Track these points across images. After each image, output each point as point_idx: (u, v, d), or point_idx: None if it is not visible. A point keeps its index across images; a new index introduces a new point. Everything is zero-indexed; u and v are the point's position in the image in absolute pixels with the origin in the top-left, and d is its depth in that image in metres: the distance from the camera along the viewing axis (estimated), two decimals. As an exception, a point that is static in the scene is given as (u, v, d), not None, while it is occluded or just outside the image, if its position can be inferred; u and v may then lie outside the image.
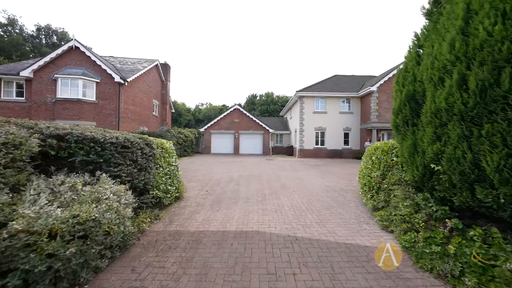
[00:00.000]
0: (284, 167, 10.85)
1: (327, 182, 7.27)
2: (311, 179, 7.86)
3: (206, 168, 10.45)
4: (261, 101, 56.50)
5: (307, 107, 16.24)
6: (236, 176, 8.19)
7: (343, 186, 6.75)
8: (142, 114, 15.50)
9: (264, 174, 8.71)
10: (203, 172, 9.07)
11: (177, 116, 49.37)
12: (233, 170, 9.86)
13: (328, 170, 10.17)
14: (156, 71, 18.47)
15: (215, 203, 4.87)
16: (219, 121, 20.49)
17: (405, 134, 3.33)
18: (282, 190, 6.15)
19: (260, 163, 12.96)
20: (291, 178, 8.02)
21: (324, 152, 16.23)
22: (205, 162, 12.85)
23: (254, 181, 7.40)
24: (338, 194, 5.70)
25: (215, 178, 7.84)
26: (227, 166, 11.10)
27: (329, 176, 8.50)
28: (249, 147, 20.48)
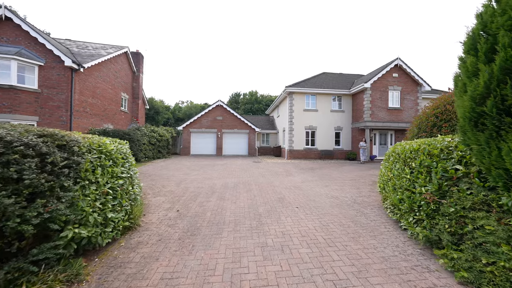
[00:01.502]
0: (275, 171, 9.40)
1: (333, 191, 5.96)
2: (311, 187, 6.50)
3: (183, 173, 8.59)
4: (244, 100, 54.99)
5: (297, 105, 15.04)
6: (220, 185, 6.53)
7: (354, 197, 5.47)
8: (106, 109, 13.01)
9: (254, 182, 7.16)
10: (178, 180, 7.24)
11: (154, 114, 45.82)
12: (215, 176, 8.16)
13: (325, 174, 8.95)
14: (126, 60, 15.92)
15: (188, 234, 3.21)
16: (200, 119, 18.48)
17: (501, 131, 2.02)
18: (282, 205, 4.66)
19: (247, 166, 11.38)
20: (287, 186, 6.58)
21: (315, 152, 15.18)
22: (182, 166, 10.92)
23: (243, 192, 5.82)
24: (355, 211, 4.36)
25: (192, 188, 6.10)
26: (208, 171, 9.34)
27: (330, 182, 7.24)
28: (233, 147, 18.79)
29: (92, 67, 11.21)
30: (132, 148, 11.28)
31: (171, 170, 9.53)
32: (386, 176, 4.25)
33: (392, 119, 13.84)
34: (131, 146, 11.28)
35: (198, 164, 11.70)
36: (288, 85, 14.72)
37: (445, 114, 8.38)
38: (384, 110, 13.76)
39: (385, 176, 4.28)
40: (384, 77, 13.75)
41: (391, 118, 13.84)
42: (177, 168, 10.23)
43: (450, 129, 8.06)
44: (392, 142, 15.05)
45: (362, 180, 7.63)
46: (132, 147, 11.34)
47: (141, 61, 17.60)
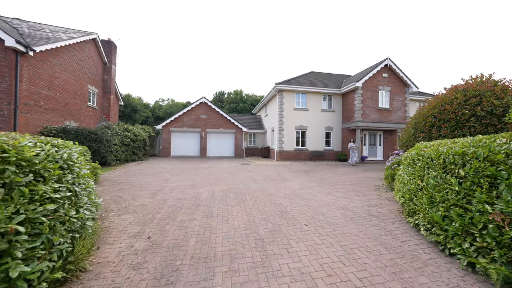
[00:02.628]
0: (268, 176, 8.47)
1: (339, 200, 5.17)
2: (313, 195, 5.66)
3: (160, 180, 7.27)
4: (229, 99, 53.65)
5: (287, 103, 14.30)
6: (206, 196, 5.41)
7: (365, 206, 4.71)
8: (69, 103, 11.06)
9: (246, 189, 6.14)
10: (154, 189, 5.96)
11: (131, 112, 42.62)
12: (200, 182, 6.99)
13: (322, 177, 8.23)
14: (95, 49, 13.90)
15: (162, 284, 2.11)
16: (182, 117, 16.94)
17: None
18: (287, 223, 3.72)
19: (235, 169, 10.31)
20: (286, 194, 5.67)
21: (306, 153, 14.56)
22: (160, 170, 9.50)
23: (235, 204, 4.77)
24: (376, 228, 3.57)
25: (170, 201, 4.90)
26: (191, 176, 8.11)
27: (332, 188, 6.48)
28: (218, 148, 17.54)
29: (48, 52, 9.31)
30: (100, 150, 9.62)
31: (147, 175, 8.13)
32: (413, 185, 3.51)
33: (382, 119, 13.71)
34: (99, 147, 9.62)
35: (180, 168, 10.34)
36: (278, 82, 13.92)
37: (444, 114, 8.15)
38: (375, 110, 13.57)
39: (412, 185, 3.54)
40: (375, 77, 13.58)
41: (381, 119, 13.70)
42: (155, 172, 8.81)
43: (450, 129, 7.84)
44: (381, 142, 15.00)
45: (363, 185, 7.01)
46: (100, 149, 9.68)
47: (113, 51, 15.59)
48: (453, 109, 7.55)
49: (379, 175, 8.94)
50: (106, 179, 7.28)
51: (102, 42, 14.82)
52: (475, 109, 7.05)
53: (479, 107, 6.98)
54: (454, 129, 7.37)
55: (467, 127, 7.06)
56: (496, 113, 6.77)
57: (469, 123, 7.03)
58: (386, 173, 6.53)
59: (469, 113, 7.10)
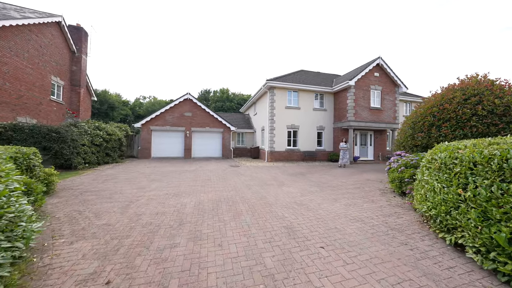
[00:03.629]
0: (262, 180, 7.64)
1: (348, 209, 4.50)
2: (318, 202, 4.94)
3: (136, 187, 6.11)
4: (215, 98, 52.14)
5: (279, 101, 13.59)
6: (192, 208, 4.43)
7: (380, 216, 4.08)
8: (23, 96, 9.31)
9: (240, 198, 5.25)
10: (126, 200, 4.84)
11: (109, 109, 39.56)
12: (184, 190, 5.96)
13: (321, 181, 7.59)
14: (60, 35, 12.06)
15: None
16: (164, 115, 15.52)
17: None
18: (298, 246, 2.92)
19: (224, 172, 9.34)
20: (287, 203, 4.88)
21: (297, 154, 13.98)
22: (138, 174, 8.24)
23: (229, 219, 3.87)
24: (407, 248, 2.89)
25: (146, 217, 3.86)
26: (174, 182, 7.02)
27: (335, 193, 5.82)
28: (204, 148, 16.37)
29: (-7, 32, 7.63)
30: (63, 151, 8.13)
31: (120, 181, 6.88)
32: (451, 195, 2.89)
33: (373, 119, 13.55)
34: (62, 148, 8.13)
35: (161, 171, 9.13)
36: (269, 79, 13.15)
37: (443, 113, 7.93)
38: (367, 109, 13.36)
39: (449, 195, 2.91)
40: (367, 76, 13.37)
41: (373, 118, 13.54)
42: (130, 178, 7.56)
43: (450, 129, 7.62)
44: (372, 142, 14.90)
45: (366, 188, 6.46)
46: (63, 150, 8.18)
47: (83, 39, 13.76)
48: (453, 108, 7.32)
49: (378, 177, 8.53)
50: (67, 187, 5.96)
51: (69, 28, 12.99)
52: (476, 108, 6.84)
53: (480, 106, 6.78)
54: (455, 129, 7.14)
55: (469, 126, 6.83)
56: (497, 113, 6.59)
57: (471, 123, 6.80)
58: (392, 176, 6.03)
59: (470, 112, 6.88)
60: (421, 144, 8.07)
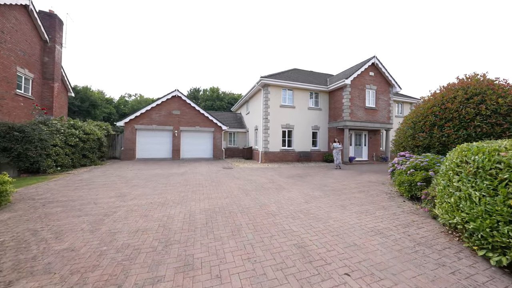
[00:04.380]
0: (259, 183, 7.00)
1: (362, 218, 3.98)
2: (325, 211, 4.39)
3: (114, 195, 5.25)
4: (205, 96, 50.86)
5: (273, 99, 13.02)
6: (180, 222, 3.70)
7: (399, 227, 3.59)
8: (-18, 88, 8.00)
9: (237, 207, 4.58)
10: (99, 213, 4.00)
11: (90, 107, 37.20)
12: (172, 198, 5.18)
13: (321, 183, 7.09)
14: (28, 20, 10.69)
15: None
16: (150, 113, 14.43)
17: None
18: (317, 273, 2.31)
19: (217, 175, 8.61)
20: (291, 212, 4.28)
21: (292, 154, 13.49)
22: (118, 179, 7.30)
23: (226, 236, 3.20)
24: (450, 272, 2.38)
25: (122, 237, 3.09)
26: (160, 187, 6.20)
27: (340, 198, 5.32)
28: (194, 149, 15.46)
29: None
30: (28, 153, 7.04)
31: (96, 188, 5.95)
32: (497, 208, 2.41)
33: (368, 119, 13.36)
34: (26, 149, 7.02)
35: (146, 175, 8.21)
36: (263, 76, 12.54)
37: (445, 113, 7.72)
38: (362, 109, 13.15)
39: (496, 207, 2.43)
40: (362, 75, 13.15)
41: (368, 118, 13.35)
42: (109, 183, 6.62)
43: (453, 128, 7.39)
44: (366, 142, 14.76)
45: (372, 192, 6.02)
46: (28, 151, 7.07)
47: (58, 28, 12.37)
48: (456, 107, 7.11)
49: (378, 179, 8.19)
50: (28, 196, 4.98)
51: (40, 14, 11.60)
52: (479, 108, 6.65)
53: (483, 106, 6.58)
54: (458, 129, 6.92)
55: (472, 126, 6.61)
56: (501, 112, 6.41)
57: (475, 123, 6.58)
58: (400, 179, 5.63)
59: (474, 112, 6.67)
60: (422, 145, 7.83)
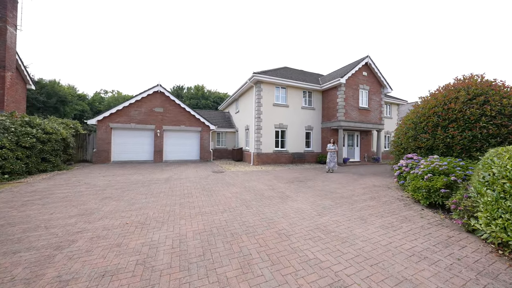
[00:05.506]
0: (258, 190, 6.14)
1: (390, 234, 3.33)
2: (347, 226, 3.67)
3: (76, 213, 4.05)
4: (189, 94, 48.82)
5: (266, 97, 12.24)
6: (167, 255, 2.71)
7: (440, 248, 2.97)
8: None
9: (241, 226, 3.69)
10: (49, 244, 2.86)
11: (59, 103, 33.57)
12: (154, 215, 4.13)
13: (325, 189, 6.43)
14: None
15: None
16: (128, 110, 12.86)
17: None
18: None
19: (208, 181, 7.59)
20: (308, 230, 3.49)
21: (286, 156, 12.82)
22: (85, 189, 5.98)
23: (234, 278, 2.29)
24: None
25: (79, 286, 2.05)
26: (139, 200, 5.07)
27: (354, 207, 4.66)
28: (179, 150, 14.14)
29: None
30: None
31: (53, 203, 4.66)
32: None
33: (362, 119, 13.16)
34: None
35: (122, 182, 6.93)
36: (256, 72, 11.69)
37: (448, 113, 7.50)
38: (356, 109, 12.90)
39: None
40: (356, 75, 12.90)
41: (361, 119, 13.15)
42: (72, 195, 5.31)
43: (458, 129, 7.17)
44: (358, 143, 14.60)
45: (383, 199, 5.48)
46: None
47: (10, 6, 10.38)
48: (459, 108, 6.91)
49: (381, 182, 7.77)
50: None
51: (-12, -12, 9.60)
52: (484, 109, 6.48)
53: (488, 107, 6.41)
54: (463, 130, 6.70)
55: (478, 127, 6.41)
56: (505, 113, 6.27)
57: (480, 124, 6.38)
58: (415, 184, 5.13)
59: (479, 113, 6.47)
60: (425, 146, 7.57)
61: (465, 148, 6.52)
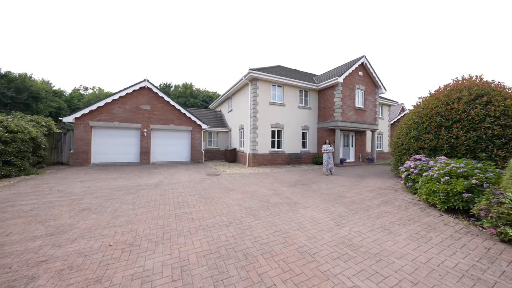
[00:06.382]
0: (262, 196, 5.56)
1: (426, 250, 2.93)
2: (374, 239, 3.22)
3: (42, 233, 3.22)
4: (177, 93, 47.21)
5: (262, 95, 11.69)
6: (169, 290, 2.06)
7: (485, 264, 2.62)
8: None
9: (252, 242, 3.10)
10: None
11: (31, 99, 30.82)
12: (144, 233, 3.40)
13: (332, 193, 6.01)
14: None
15: None
16: (111, 107, 11.71)
17: None
18: None
19: (204, 186, 6.88)
20: (333, 246, 2.99)
21: (282, 157, 12.35)
22: (58, 199, 5.05)
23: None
24: None
25: None
26: (124, 212, 4.28)
27: (369, 214, 4.25)
28: (168, 151, 13.18)
29: None
30: None
31: (12, 218, 3.76)
32: None
33: (357, 119, 13.05)
34: None
35: (103, 189, 6.03)
36: (252, 68, 11.09)
37: (452, 113, 7.39)
38: (352, 109, 12.75)
39: None
40: (352, 75, 12.76)
41: (357, 119, 13.03)
42: (40, 207, 4.40)
43: (463, 130, 7.06)
44: (353, 143, 14.52)
45: (395, 202, 5.15)
46: None
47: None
48: (463, 108, 6.83)
49: (385, 184, 7.52)
50: None
51: None
52: (488, 109, 6.42)
53: (492, 107, 6.36)
54: (467, 130, 6.61)
55: (483, 128, 6.33)
56: (510, 114, 6.23)
57: (485, 124, 6.30)
58: (429, 187, 4.83)
59: (483, 113, 6.40)
60: (428, 147, 7.44)
61: (470, 149, 6.42)
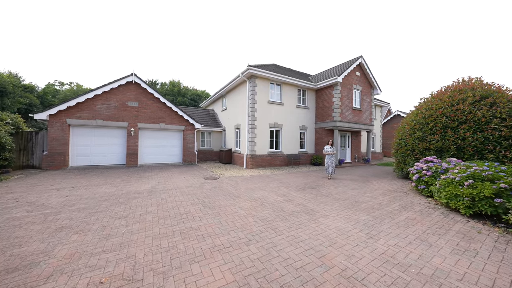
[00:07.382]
0: (274, 204, 5.00)
1: (487, 272, 2.53)
2: (421, 256, 2.80)
3: (0, 268, 2.42)
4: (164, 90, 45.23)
5: (261, 93, 11.13)
6: None
7: None
8: None
9: (285, 269, 2.53)
10: None
11: (-4, 94, 27.56)
12: (145, 262, 2.69)
13: (346, 197, 5.62)
14: None
15: None
16: (93, 103, 10.52)
17: None
18: None
19: (204, 192, 6.18)
20: (383, 270, 2.50)
21: (281, 158, 11.89)
22: (27, 214, 4.11)
23: None
24: None
25: None
26: (114, 230, 3.52)
27: (394, 222, 3.88)
28: (158, 152, 12.19)
29: None
30: None
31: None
32: None
33: (355, 120, 12.96)
34: None
35: (86, 198, 5.12)
36: (251, 65, 10.49)
37: (457, 114, 7.34)
38: (350, 109, 12.62)
39: None
40: (350, 75, 12.63)
41: (354, 119, 12.94)
42: (0, 225, 3.50)
43: (469, 131, 7.00)
44: (349, 144, 14.46)
45: (414, 208, 4.86)
46: None
47: None
48: (469, 109, 6.80)
49: (392, 186, 7.31)
50: None
51: None
52: (494, 110, 6.41)
53: (498, 108, 6.35)
54: (474, 131, 6.57)
55: (490, 129, 6.30)
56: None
57: (491, 125, 6.27)
58: (451, 190, 4.58)
59: (490, 114, 6.37)
60: (434, 148, 7.35)
61: (477, 150, 6.38)
